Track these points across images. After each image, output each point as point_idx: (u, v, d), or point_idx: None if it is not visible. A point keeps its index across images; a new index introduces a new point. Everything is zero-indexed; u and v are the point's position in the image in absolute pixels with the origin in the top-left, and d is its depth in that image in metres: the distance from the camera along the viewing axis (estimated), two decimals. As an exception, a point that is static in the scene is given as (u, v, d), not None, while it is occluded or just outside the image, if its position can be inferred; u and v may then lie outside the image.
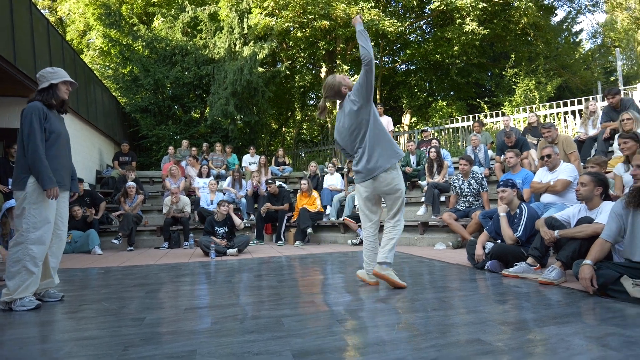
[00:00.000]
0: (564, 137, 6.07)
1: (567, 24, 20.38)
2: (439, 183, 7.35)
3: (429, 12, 16.20)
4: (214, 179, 9.01)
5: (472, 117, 13.08)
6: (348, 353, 1.91)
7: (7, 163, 6.87)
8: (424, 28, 18.35)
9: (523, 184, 5.60)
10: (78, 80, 9.48)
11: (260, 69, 13.79)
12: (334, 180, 8.91)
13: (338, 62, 16.06)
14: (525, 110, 12.27)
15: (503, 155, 6.67)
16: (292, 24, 14.13)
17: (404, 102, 18.72)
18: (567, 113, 11.16)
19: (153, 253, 6.82)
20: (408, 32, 17.15)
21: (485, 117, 13.03)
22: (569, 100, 11.21)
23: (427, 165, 7.94)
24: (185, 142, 11.36)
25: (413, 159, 8.73)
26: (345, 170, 8.92)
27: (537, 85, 14.06)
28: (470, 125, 11.95)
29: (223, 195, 8.60)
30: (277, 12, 13.79)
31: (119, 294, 3.44)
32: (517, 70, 14.78)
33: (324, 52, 16.21)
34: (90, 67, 13.50)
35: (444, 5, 13.83)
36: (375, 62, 16.13)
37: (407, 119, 18.80)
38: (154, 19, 15.86)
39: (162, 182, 9.56)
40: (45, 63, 7.66)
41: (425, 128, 11.56)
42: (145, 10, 17.33)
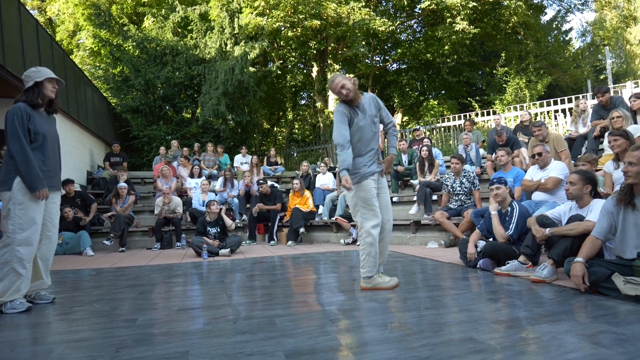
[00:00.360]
0: (555, 135, 6.12)
1: (556, 23, 20.56)
2: (431, 182, 7.37)
3: (420, 11, 16.25)
4: (206, 179, 8.96)
5: (463, 115, 13.15)
6: (341, 353, 1.91)
7: (-4, 164, 6.79)
8: (415, 27, 18.42)
9: (514, 182, 5.64)
10: (68, 81, 9.39)
11: (252, 69, 13.74)
12: (326, 180, 8.91)
13: (329, 61, 16.06)
14: (516, 109, 12.36)
15: (494, 154, 6.71)
16: (283, 24, 14.10)
17: (396, 101, 18.76)
18: (557, 111, 11.24)
19: (145, 254, 6.78)
20: (399, 31, 17.20)
21: (477, 115, 13.10)
22: (559, 99, 11.30)
23: (418, 164, 7.96)
24: (175, 142, 11.28)
25: (405, 158, 8.75)
26: (337, 170, 8.93)
27: (527, 84, 14.16)
28: (462, 124, 12.01)
29: (215, 196, 8.56)
30: (267, 11, 13.75)
31: (111, 295, 3.41)
32: (507, 69, 14.88)
33: (315, 51, 16.20)
34: (81, 67, 13.40)
35: (435, 5, 13.88)
36: (367, 61, 16.06)
37: (398, 118, 18.83)
38: (144, 19, 15.74)
39: (153, 182, 9.50)
40: (35, 63, 7.57)
41: (417, 127, 11.59)
42: (136, 10, 17.20)
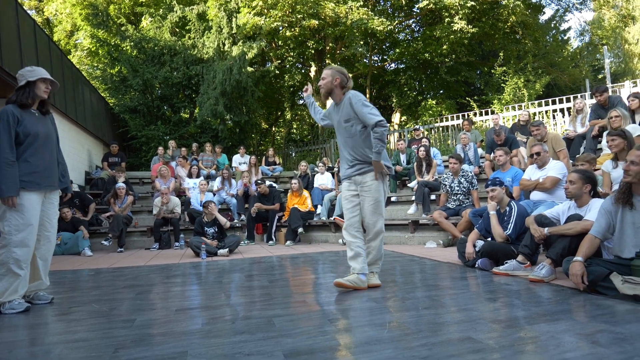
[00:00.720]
0: (553, 134, 6.13)
1: (555, 22, 20.56)
2: (429, 182, 7.38)
3: (418, 10, 16.25)
4: (204, 179, 8.96)
5: (461, 115, 13.15)
6: (339, 353, 1.90)
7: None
8: (413, 27, 18.42)
9: (513, 182, 5.65)
10: (66, 81, 9.37)
11: (250, 69, 13.73)
12: (325, 180, 8.90)
13: (327, 61, 16.06)
14: (515, 109, 12.37)
15: (493, 154, 6.72)
16: (281, 24, 14.09)
17: (394, 101, 18.77)
18: (555, 111, 11.26)
19: (143, 254, 6.77)
20: (397, 31, 17.19)
21: (475, 115, 13.11)
22: (558, 98, 11.32)
23: (416, 164, 7.97)
24: (173, 142, 11.25)
25: (403, 158, 8.75)
26: (336, 170, 8.92)
27: (525, 84, 14.18)
28: (460, 124, 12.02)
29: (213, 196, 8.56)
30: (265, 11, 13.74)
31: (110, 296, 3.41)
32: (505, 69, 14.90)
33: (313, 51, 16.19)
34: (78, 67, 13.35)
35: (433, 4, 13.88)
36: (365, 61, 16.03)
37: (396, 118, 18.86)
38: (142, 19, 15.72)
39: (151, 182, 9.49)
40: (32, 63, 7.55)
41: (417, 127, 11.59)
42: (133, 10, 17.19)
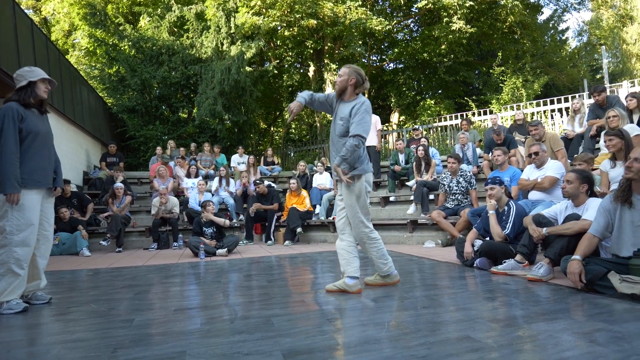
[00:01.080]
0: (551, 134, 6.14)
1: (553, 22, 20.58)
2: (428, 181, 7.38)
3: (417, 10, 16.25)
4: (203, 179, 8.95)
5: (460, 115, 13.17)
6: (338, 352, 1.91)
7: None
8: (412, 27, 18.41)
9: (511, 182, 5.65)
10: (64, 81, 9.35)
11: (248, 69, 13.72)
12: (323, 180, 8.90)
13: (326, 61, 16.04)
14: (513, 108, 12.39)
15: (491, 153, 6.73)
16: (279, 23, 14.08)
17: (392, 100, 18.76)
18: (554, 111, 11.28)
19: (142, 254, 6.77)
20: (396, 30, 17.18)
21: (473, 115, 13.12)
22: (556, 98, 11.34)
23: (415, 164, 7.97)
24: (172, 142, 11.25)
25: (402, 158, 8.75)
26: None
27: (524, 83, 14.20)
28: (459, 124, 12.03)
29: (212, 196, 8.55)
30: (264, 11, 13.72)
31: (108, 296, 3.40)
32: (504, 69, 14.91)
33: (312, 51, 16.17)
34: (76, 67, 13.33)
35: (431, 4, 13.88)
36: (363, 61, 16.01)
37: (395, 118, 18.85)
38: (140, 19, 15.69)
39: (150, 182, 9.48)
40: (30, 63, 7.54)
41: (416, 127, 11.60)
42: (131, 10, 17.14)
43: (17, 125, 2.97)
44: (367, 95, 17.45)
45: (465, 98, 15.79)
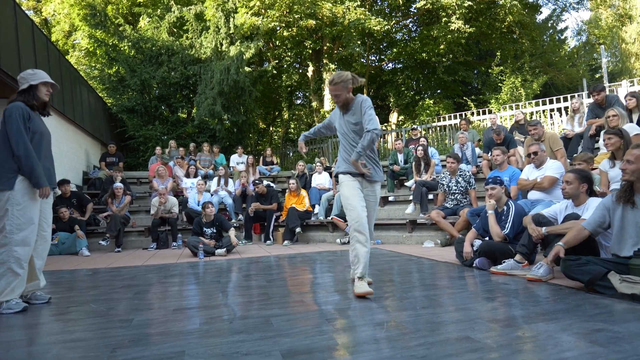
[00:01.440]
0: (550, 134, 6.14)
1: (552, 22, 20.59)
2: (427, 181, 7.38)
3: (415, 10, 16.28)
4: (202, 179, 8.95)
5: (459, 115, 13.17)
6: (337, 352, 1.90)
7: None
8: (410, 27, 18.44)
9: (510, 182, 5.65)
10: (63, 81, 9.34)
11: (247, 69, 13.73)
12: (322, 179, 8.90)
13: (325, 61, 16.06)
14: (512, 108, 12.39)
15: (490, 153, 6.73)
16: (278, 24, 14.10)
17: (391, 100, 18.77)
18: (553, 110, 11.28)
19: (141, 254, 6.76)
20: (394, 30, 17.19)
21: (472, 115, 13.13)
22: (555, 98, 11.34)
23: (414, 164, 7.97)
24: (173, 142, 11.26)
25: (401, 157, 8.75)
26: (333, 169, 8.91)
27: (523, 83, 14.21)
28: (457, 123, 12.03)
29: (211, 196, 8.55)
30: (263, 11, 13.74)
31: (107, 296, 3.40)
32: (503, 68, 14.92)
33: (311, 51, 16.19)
34: (76, 67, 13.32)
35: (430, 4, 13.90)
36: (362, 61, 16.00)
37: (394, 118, 18.85)
38: (140, 19, 15.69)
39: (149, 182, 9.47)
40: (30, 64, 7.54)
41: (415, 126, 11.60)
42: (131, 11, 17.15)
43: (27, 124, 3.01)
44: (365, 95, 17.48)
45: (464, 98, 15.80)
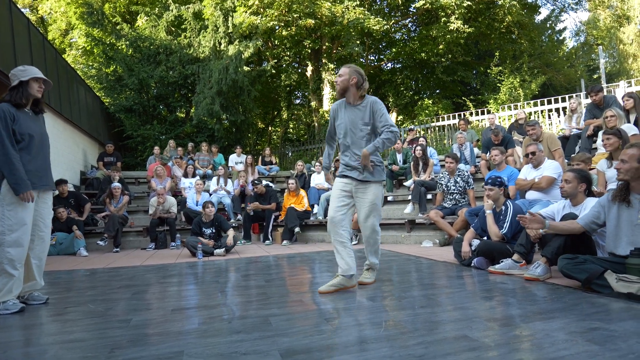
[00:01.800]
0: (548, 134, 6.15)
1: (550, 22, 20.63)
2: (426, 181, 7.39)
3: (414, 10, 16.28)
4: (200, 179, 8.94)
5: (457, 115, 13.19)
6: (336, 351, 1.91)
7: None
8: (409, 26, 18.44)
9: (508, 181, 5.65)
10: (60, 80, 9.32)
11: (246, 68, 13.70)
12: (321, 179, 8.89)
13: (324, 60, 16.05)
14: (510, 108, 12.41)
15: (489, 153, 6.74)
16: (277, 23, 14.07)
17: (390, 100, 18.78)
18: (551, 110, 11.31)
19: (139, 254, 6.75)
20: (393, 30, 17.20)
21: (471, 115, 13.14)
22: (553, 98, 11.37)
23: (413, 164, 7.98)
24: (172, 142, 11.25)
25: (399, 157, 8.76)
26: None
27: (521, 83, 14.22)
28: (456, 123, 12.05)
29: (209, 196, 8.54)
30: (262, 10, 13.71)
31: (105, 296, 3.40)
32: (501, 69, 14.94)
33: (310, 50, 16.18)
34: (73, 66, 13.29)
35: (429, 4, 13.91)
36: (361, 60, 15.99)
37: (393, 118, 18.87)
38: (138, 18, 15.66)
39: (147, 182, 9.46)
40: (26, 63, 7.50)
41: (412, 127, 11.61)
42: (129, 9, 17.13)
43: (9, 126, 2.93)
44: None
45: (463, 98, 15.80)
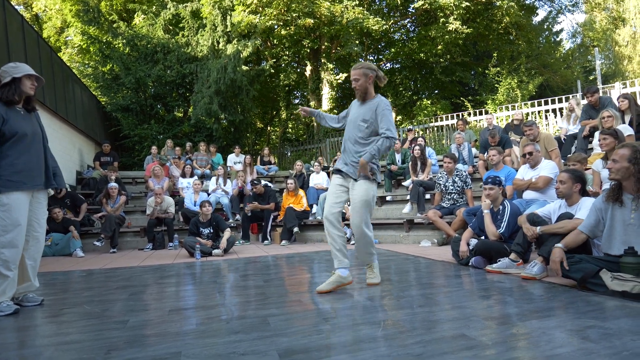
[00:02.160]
0: (545, 134, 6.17)
1: (547, 24, 20.71)
2: (424, 181, 7.40)
3: (413, 10, 16.31)
4: (198, 179, 8.92)
5: (456, 115, 13.22)
6: (334, 351, 1.91)
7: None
8: (408, 27, 18.47)
9: (505, 181, 5.68)
10: (56, 79, 9.27)
11: (244, 67, 13.69)
12: (320, 179, 8.90)
13: (323, 60, 16.05)
14: (508, 109, 12.44)
15: (486, 153, 6.76)
16: (276, 22, 14.06)
17: (389, 100, 18.79)
18: (548, 111, 11.35)
19: (137, 254, 6.73)
20: (392, 30, 17.23)
21: (469, 115, 13.17)
22: (550, 99, 11.41)
23: (411, 164, 8.00)
24: (170, 141, 11.22)
25: (398, 157, 8.77)
26: (332, 169, 8.92)
27: (519, 84, 14.27)
28: (454, 124, 12.07)
29: (207, 196, 8.52)
30: (260, 9, 13.70)
31: (102, 297, 3.38)
32: (499, 69, 14.98)
33: (309, 50, 16.18)
34: (69, 65, 13.22)
35: (428, 4, 13.94)
36: (360, 60, 16.03)
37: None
38: (135, 16, 15.62)
39: (145, 182, 9.43)
40: (21, 61, 7.34)
41: (411, 127, 11.63)
42: (125, 7, 17.07)
43: None
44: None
45: (461, 98, 15.84)
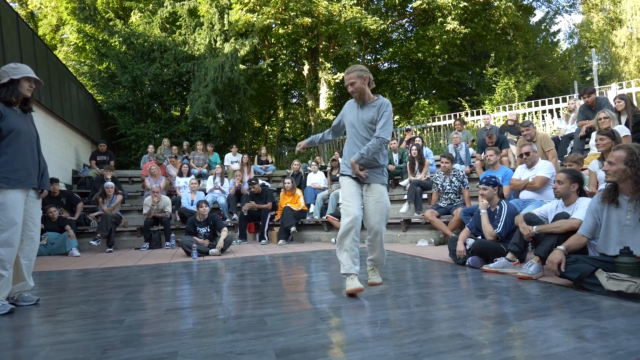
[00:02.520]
0: (542, 135, 6.19)
1: (545, 24, 20.77)
2: (421, 181, 7.42)
3: (411, 10, 16.31)
4: (195, 178, 8.90)
5: (453, 115, 13.24)
6: (331, 351, 1.91)
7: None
8: (406, 26, 18.49)
9: (503, 181, 5.69)
10: (51, 77, 9.22)
11: (242, 66, 13.66)
12: (318, 179, 8.90)
13: (320, 59, 16.04)
14: (505, 109, 12.47)
15: (484, 153, 6.77)
16: (273, 21, 14.04)
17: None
18: (545, 111, 11.38)
19: (133, 254, 6.71)
20: (390, 30, 17.23)
21: (467, 115, 13.20)
22: (547, 99, 11.44)
23: (409, 164, 8.01)
24: (167, 140, 11.19)
25: (396, 157, 8.78)
26: (329, 169, 8.92)
27: (516, 84, 14.31)
28: (452, 124, 12.09)
29: (204, 195, 8.51)
30: (258, 8, 13.69)
31: (98, 296, 3.37)
32: (497, 70, 15.02)
33: (306, 49, 16.17)
34: (65, 63, 13.16)
35: (426, 4, 13.95)
36: (358, 60, 15.98)
37: (389, 117, 18.90)
38: (131, 14, 15.56)
39: (141, 181, 9.40)
40: (15, 59, 7.39)
41: (408, 127, 11.64)
42: (122, 5, 16.96)
43: None
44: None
45: (459, 98, 15.87)
